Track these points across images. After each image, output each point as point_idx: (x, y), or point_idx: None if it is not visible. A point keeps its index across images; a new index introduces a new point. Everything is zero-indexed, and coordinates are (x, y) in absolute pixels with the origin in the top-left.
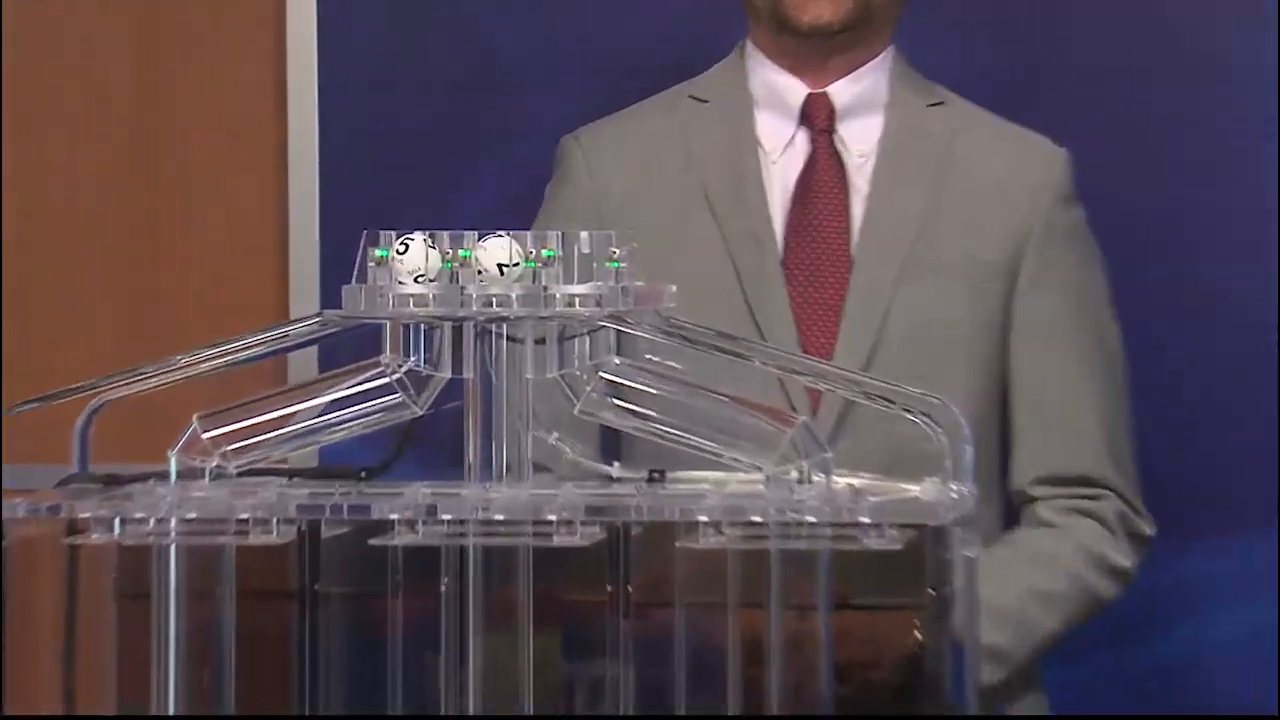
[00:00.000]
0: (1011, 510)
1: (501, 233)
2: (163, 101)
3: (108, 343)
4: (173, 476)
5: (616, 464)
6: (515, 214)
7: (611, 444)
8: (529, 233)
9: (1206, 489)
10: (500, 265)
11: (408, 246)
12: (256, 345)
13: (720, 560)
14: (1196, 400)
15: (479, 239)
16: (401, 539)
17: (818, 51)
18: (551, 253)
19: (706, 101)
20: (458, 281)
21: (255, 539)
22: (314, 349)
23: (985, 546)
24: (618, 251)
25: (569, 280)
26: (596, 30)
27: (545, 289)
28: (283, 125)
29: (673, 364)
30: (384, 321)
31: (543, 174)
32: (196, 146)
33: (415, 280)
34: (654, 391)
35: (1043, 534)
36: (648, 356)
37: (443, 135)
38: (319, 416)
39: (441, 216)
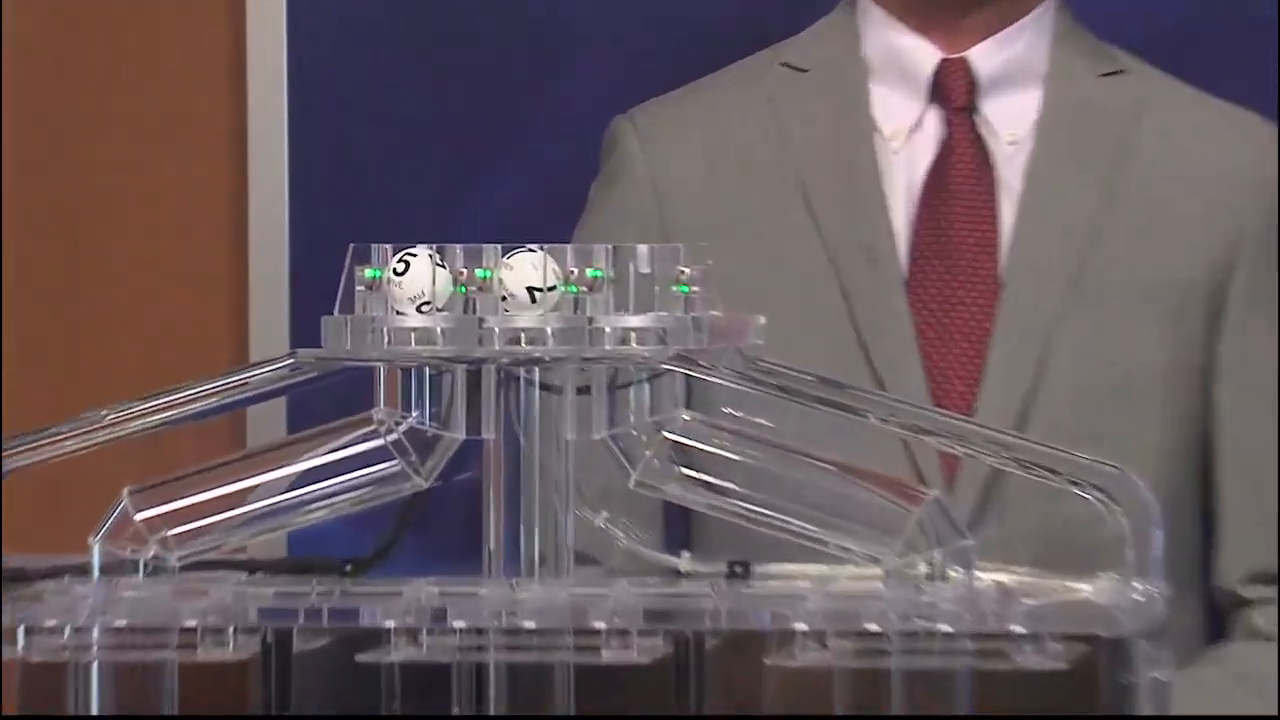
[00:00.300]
0: (1217, 617)
1: (533, 247)
2: (78, 78)
3: (11, 393)
4: (95, 571)
5: (686, 554)
6: (546, 223)
7: (679, 527)
8: (568, 246)
9: None
10: (531, 289)
11: (408, 265)
12: (207, 397)
13: (824, 682)
14: None
15: (503, 255)
16: (400, 654)
17: (955, 5)
18: (599, 273)
19: (805, 71)
20: (474, 311)
21: (205, 654)
22: (282, 401)
23: (1180, 666)
24: (687, 271)
25: (622, 309)
26: None
27: (591, 321)
28: (240, 101)
29: (760, 421)
30: (377, 365)
31: (581, 171)
32: (124, 131)
33: (418, 309)
34: (735, 457)
35: (1259, 650)
36: (726, 411)
37: (450, 119)
38: (290, 491)
39: (449, 226)
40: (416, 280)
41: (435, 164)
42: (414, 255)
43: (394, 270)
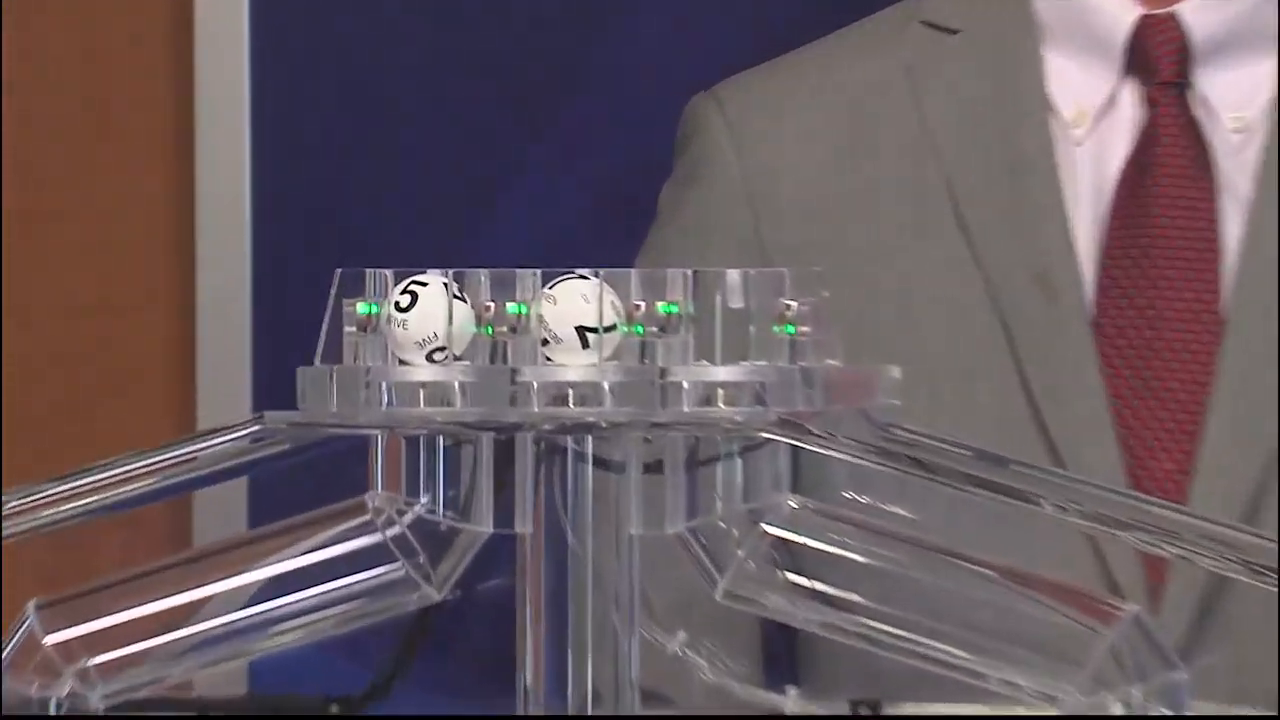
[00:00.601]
0: None
1: (584, 272)
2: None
3: None
4: None
5: (793, 690)
6: (598, 239)
7: (784, 653)
8: (631, 271)
9: None
10: (583, 330)
11: (416, 297)
12: (140, 477)
13: None
14: None
15: (544, 283)
16: None
17: None
18: (674, 307)
19: (954, 32)
20: (505, 359)
21: None
22: (241, 481)
23: None
24: (793, 305)
25: (706, 357)
26: None
27: (663, 373)
28: (183, 75)
29: (894, 509)
30: (373, 433)
31: (644, 168)
32: (45, 129)
33: (429, 357)
34: (859, 559)
35: None
36: (848, 496)
37: (462, 98)
38: (254, 605)
39: (465, 244)
40: (427, 318)
41: (445, 160)
42: (423, 284)
43: (397, 304)
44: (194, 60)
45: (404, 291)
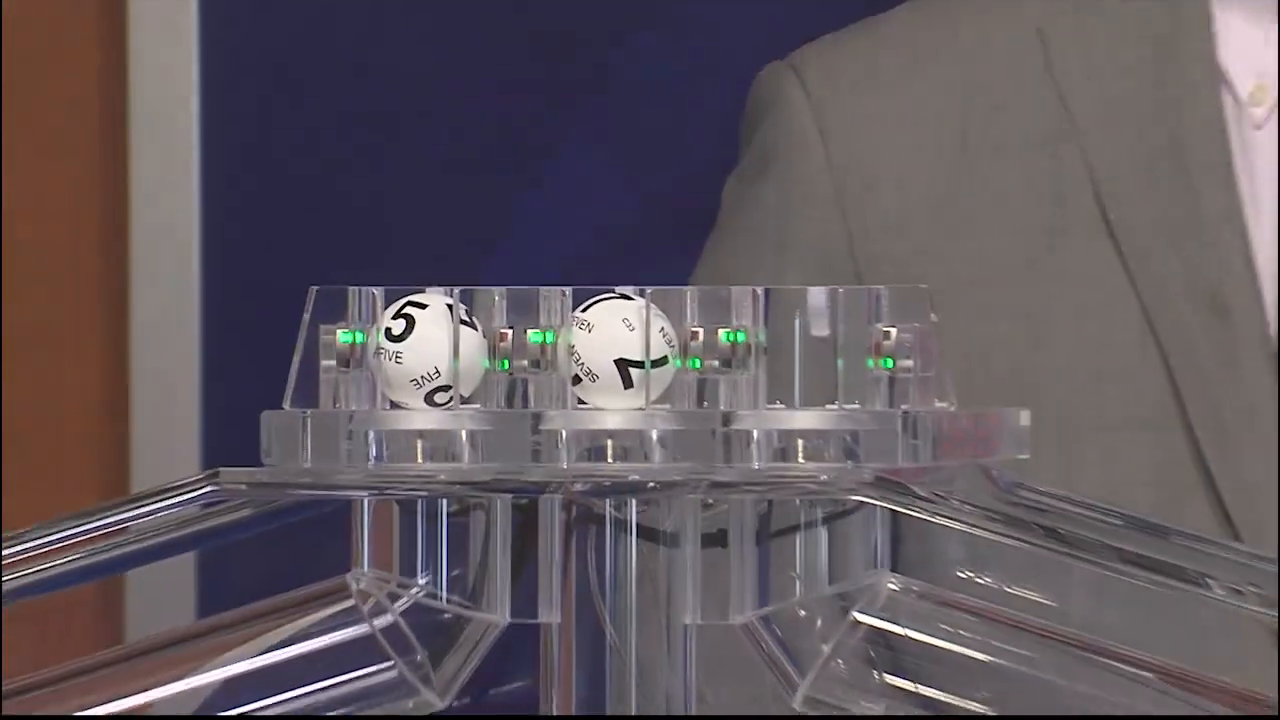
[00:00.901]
0: None
1: (627, 291)
2: None
3: None
4: None
5: None
6: (645, 246)
7: None
8: (686, 289)
9: None
10: (625, 364)
11: (412, 323)
12: (60, 552)
13: None
14: None
15: (576, 306)
16: None
17: None
18: (741, 335)
19: None
20: (526, 402)
21: None
22: (189, 558)
23: None
24: (893, 332)
25: (783, 397)
26: None
27: (727, 420)
28: (115, 63)
29: (1024, 592)
30: (357, 496)
31: (702, 155)
32: None
33: (429, 398)
34: (978, 657)
35: None
36: (963, 575)
37: (469, 73)
38: (206, 717)
39: (474, 254)
40: (427, 349)
41: (445, 150)
42: (421, 306)
43: (388, 331)
44: (126, 43)
45: (397, 315)
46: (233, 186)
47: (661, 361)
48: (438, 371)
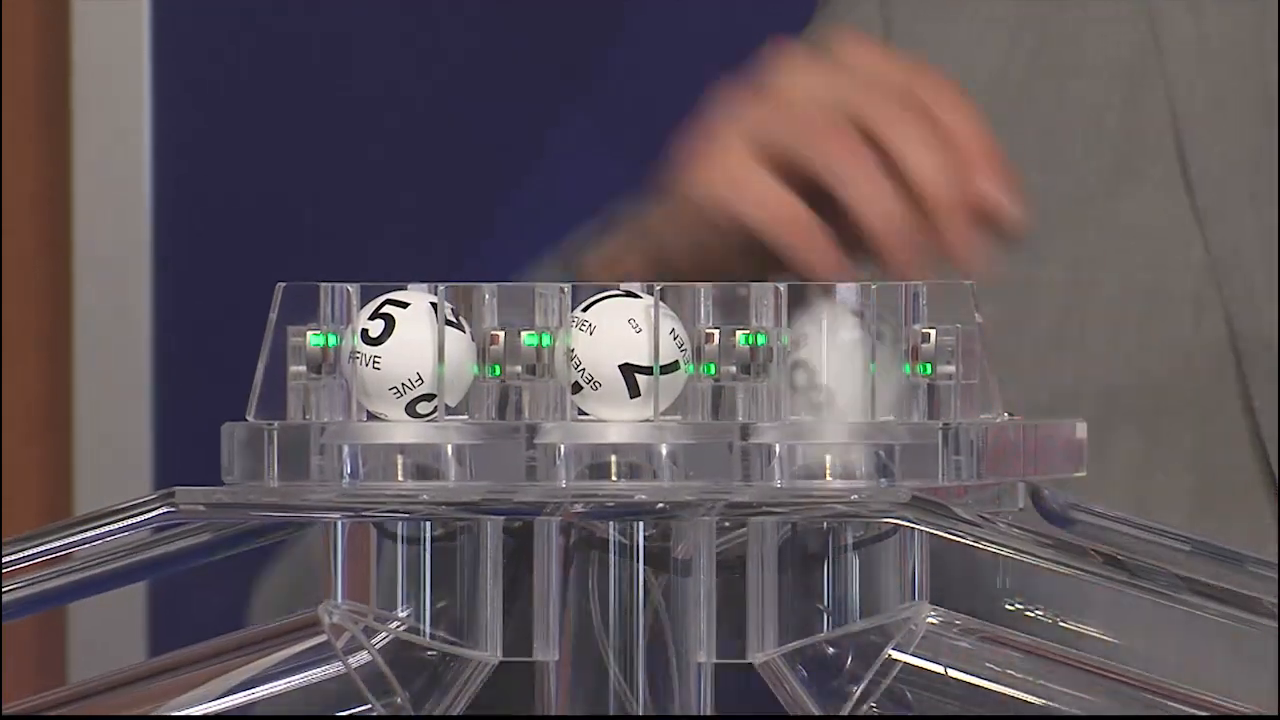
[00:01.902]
0: None
1: (633, 288)
2: None
3: None
4: None
5: None
6: None
7: None
8: (701, 286)
9: None
10: (631, 369)
11: (391, 324)
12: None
13: None
14: None
15: (576, 304)
16: None
17: None
18: (761, 337)
19: None
20: (520, 413)
21: None
22: (139, 587)
23: None
24: (932, 336)
25: (808, 409)
26: None
27: (745, 433)
28: (61, 64)
29: (1078, 626)
30: (330, 518)
31: None
32: None
33: (411, 409)
34: (1028, 698)
35: None
36: (1011, 607)
37: (447, 82)
38: None
39: (453, 250)
40: (408, 352)
41: (423, 141)
42: (402, 305)
43: (365, 333)
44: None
45: (375, 315)
46: (189, 174)
47: (672, 367)
48: (420, 378)
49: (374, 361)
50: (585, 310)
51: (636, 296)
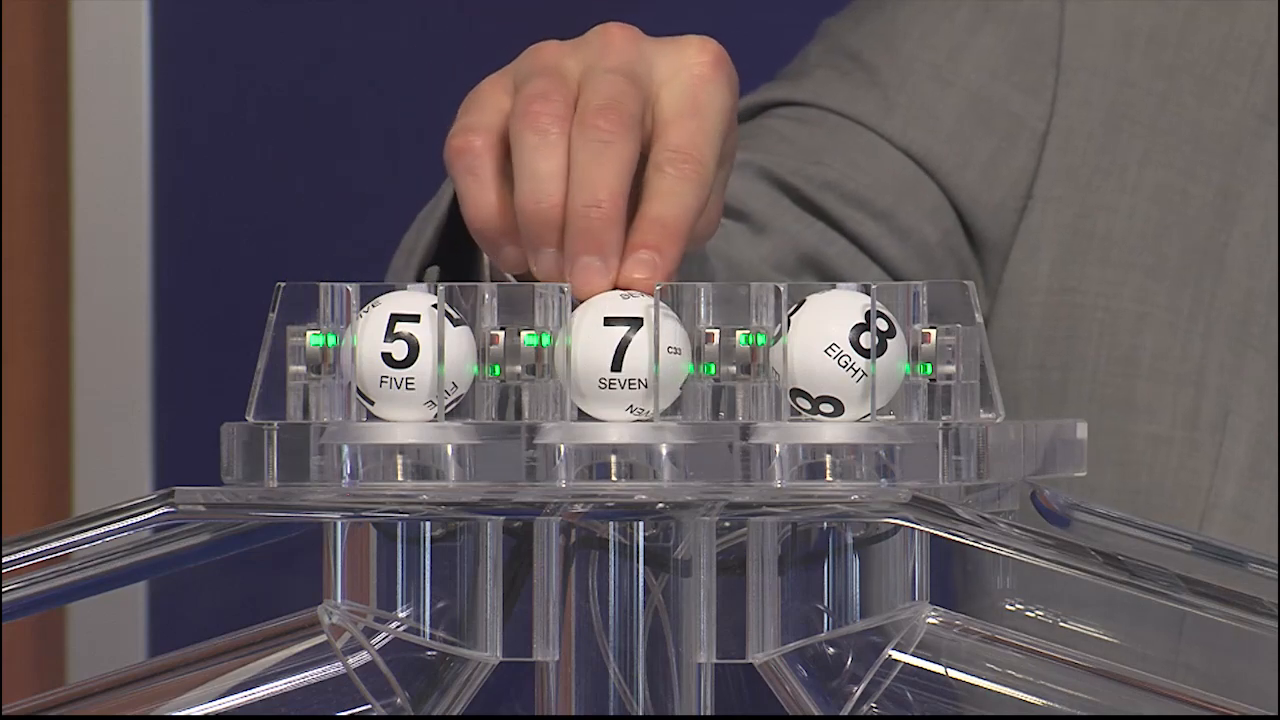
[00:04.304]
0: None
1: (632, 289)
2: None
3: None
4: None
5: None
6: None
7: None
8: (701, 285)
9: None
10: (613, 322)
11: (414, 344)
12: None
13: None
14: None
15: (574, 302)
16: None
17: None
18: (761, 338)
19: None
20: (520, 413)
21: None
22: (139, 588)
23: None
24: (932, 336)
25: (811, 407)
26: None
27: (745, 433)
28: (60, 58)
29: (1080, 626)
30: (330, 519)
31: None
32: None
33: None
34: (1029, 699)
35: None
36: (1011, 607)
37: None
38: None
39: None
40: (408, 353)
41: (422, 131)
42: (414, 318)
43: (388, 357)
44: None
45: (391, 336)
46: (189, 173)
47: (675, 353)
48: (455, 385)
49: (406, 383)
50: (586, 311)
51: (634, 294)
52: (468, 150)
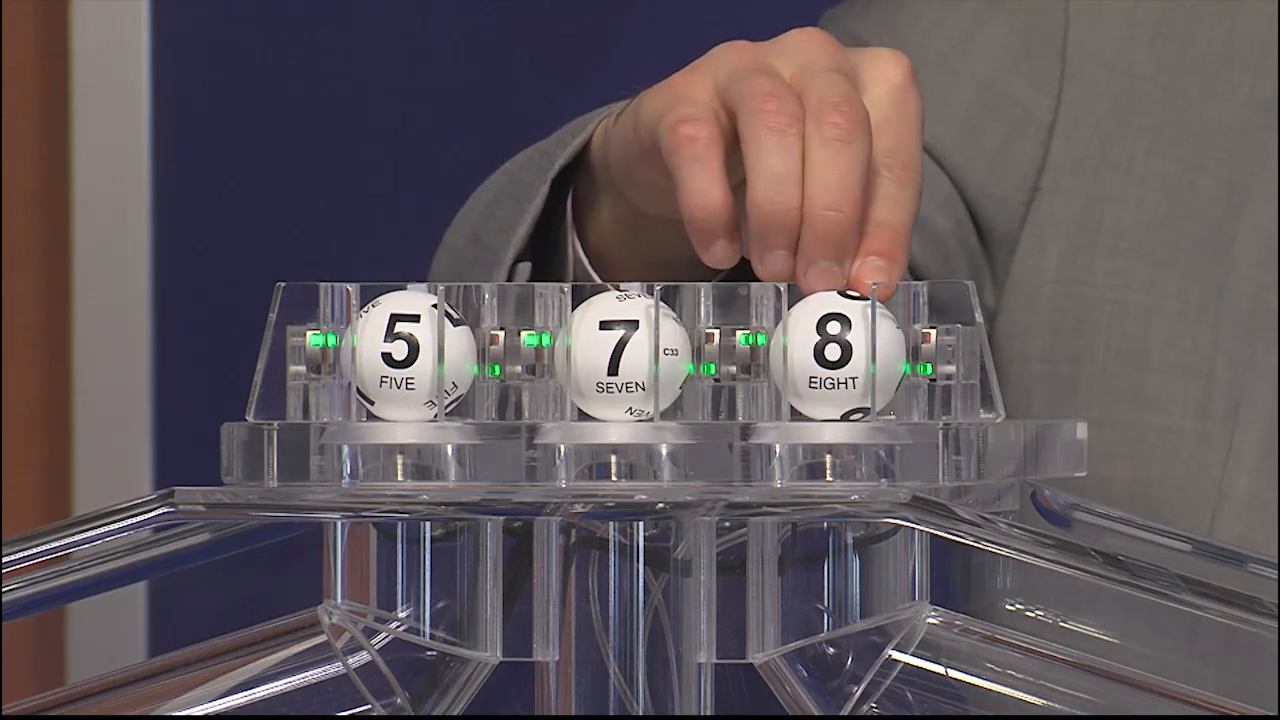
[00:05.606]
0: None
1: (630, 287)
2: None
3: None
4: None
5: None
6: None
7: None
8: (701, 286)
9: None
10: (609, 325)
11: (414, 343)
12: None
13: None
14: None
15: (576, 304)
16: None
17: None
18: (761, 338)
19: None
20: (520, 413)
21: None
22: (139, 588)
23: None
24: (932, 336)
25: (816, 405)
26: None
27: (746, 433)
28: (60, 58)
29: (1081, 626)
30: (330, 519)
31: None
32: None
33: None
34: (1030, 699)
35: None
36: (1011, 608)
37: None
38: None
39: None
40: (408, 353)
41: (426, 124)
42: (414, 318)
43: (388, 357)
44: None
45: (391, 336)
46: (189, 173)
47: (672, 354)
48: (456, 385)
49: (406, 383)
50: (585, 310)
51: (633, 297)
52: (696, 139)
